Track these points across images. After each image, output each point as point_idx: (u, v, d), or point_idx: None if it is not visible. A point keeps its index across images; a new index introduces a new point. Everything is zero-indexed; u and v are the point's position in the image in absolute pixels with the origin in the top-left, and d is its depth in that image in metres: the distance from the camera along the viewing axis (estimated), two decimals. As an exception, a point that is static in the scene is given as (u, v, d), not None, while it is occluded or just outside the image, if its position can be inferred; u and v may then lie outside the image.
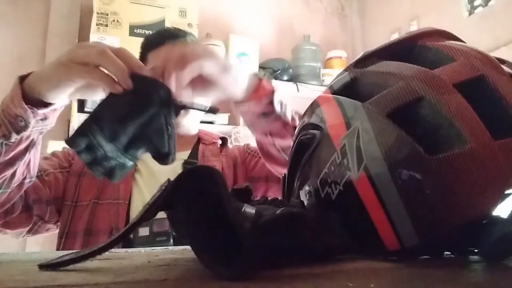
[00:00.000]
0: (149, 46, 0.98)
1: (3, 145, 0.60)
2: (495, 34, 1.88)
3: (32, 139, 0.63)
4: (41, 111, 0.59)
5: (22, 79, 0.59)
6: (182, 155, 0.96)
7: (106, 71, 0.52)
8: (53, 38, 2.16)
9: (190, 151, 1.00)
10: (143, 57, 0.99)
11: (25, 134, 0.60)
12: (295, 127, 0.60)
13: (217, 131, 1.28)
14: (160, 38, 0.98)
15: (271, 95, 0.71)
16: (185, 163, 0.94)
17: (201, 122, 1.13)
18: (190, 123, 1.01)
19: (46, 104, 0.59)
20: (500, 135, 0.35)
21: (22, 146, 0.62)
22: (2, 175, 0.64)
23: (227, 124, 2.21)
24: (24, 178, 0.71)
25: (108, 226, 0.85)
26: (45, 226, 0.86)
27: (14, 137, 0.59)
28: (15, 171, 0.66)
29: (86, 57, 0.52)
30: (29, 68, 0.63)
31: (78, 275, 0.31)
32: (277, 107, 0.72)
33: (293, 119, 0.76)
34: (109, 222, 0.85)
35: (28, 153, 0.65)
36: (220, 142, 1.06)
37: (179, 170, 0.92)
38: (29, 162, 0.69)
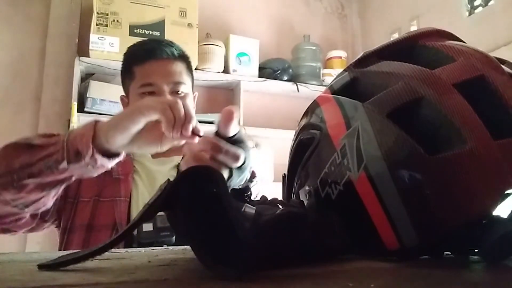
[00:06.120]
0: (134, 59, 0.99)
1: (49, 168, 0.64)
2: (495, 34, 1.88)
3: (71, 176, 0.67)
4: (99, 157, 0.63)
5: (97, 122, 0.65)
6: (176, 159, 1.00)
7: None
8: (53, 38, 2.15)
9: (182, 156, 1.02)
10: (129, 70, 0.98)
11: (71, 167, 0.64)
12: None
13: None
14: (144, 53, 0.98)
15: None
16: (179, 165, 0.98)
17: (201, 122, 1.14)
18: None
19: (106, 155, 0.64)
20: (500, 135, 0.35)
21: (60, 177, 0.65)
22: (29, 196, 0.67)
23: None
24: (40, 208, 0.74)
25: (110, 221, 0.90)
26: (43, 225, 0.89)
27: (63, 166, 0.63)
28: (40, 198, 0.69)
29: (157, 102, 0.60)
30: (29, 68, 0.64)
31: (78, 275, 0.31)
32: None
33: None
34: (112, 217, 0.90)
35: (59, 186, 0.69)
36: None
37: (174, 172, 0.94)
38: (54, 195, 0.72)
